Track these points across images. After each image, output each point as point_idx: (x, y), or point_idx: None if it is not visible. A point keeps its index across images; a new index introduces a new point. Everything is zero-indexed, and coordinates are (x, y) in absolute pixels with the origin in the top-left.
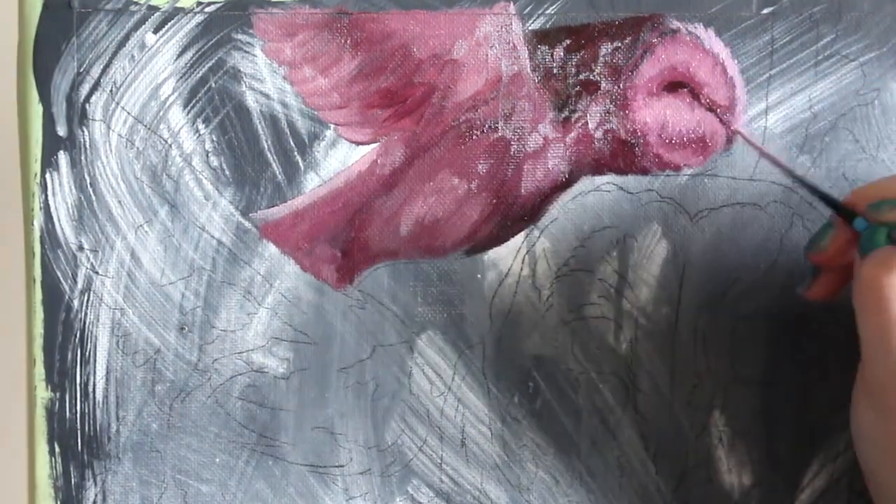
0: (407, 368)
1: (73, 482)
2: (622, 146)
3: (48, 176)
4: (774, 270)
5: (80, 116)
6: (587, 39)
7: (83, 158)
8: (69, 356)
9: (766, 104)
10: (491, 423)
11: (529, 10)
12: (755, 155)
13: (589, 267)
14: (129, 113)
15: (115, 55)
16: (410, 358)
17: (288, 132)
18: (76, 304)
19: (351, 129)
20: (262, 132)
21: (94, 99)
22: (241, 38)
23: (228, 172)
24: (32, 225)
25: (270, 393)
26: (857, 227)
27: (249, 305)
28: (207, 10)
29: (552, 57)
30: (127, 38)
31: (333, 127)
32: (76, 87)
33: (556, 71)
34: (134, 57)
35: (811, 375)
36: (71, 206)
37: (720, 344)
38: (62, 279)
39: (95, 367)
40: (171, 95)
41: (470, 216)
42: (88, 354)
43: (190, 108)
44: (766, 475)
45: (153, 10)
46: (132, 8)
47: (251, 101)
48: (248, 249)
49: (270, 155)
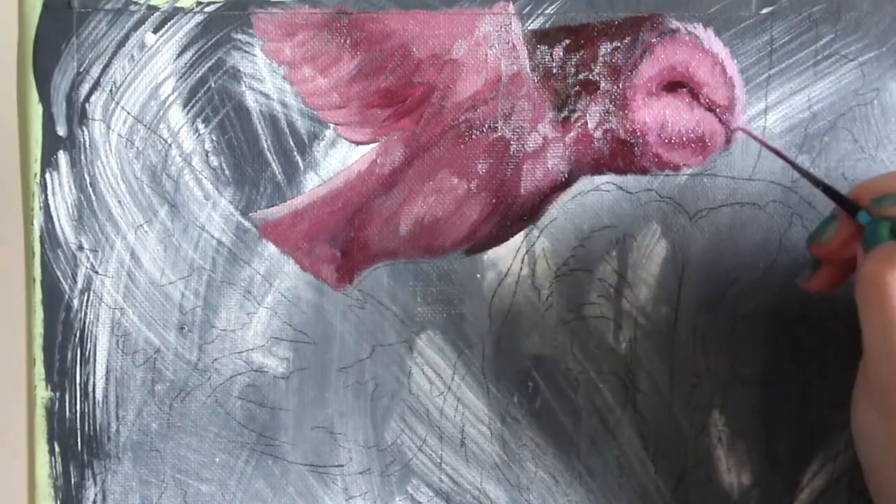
0: (406, 368)
1: (72, 482)
2: (621, 146)
3: (48, 176)
4: (773, 270)
5: (79, 116)
6: (586, 39)
7: (83, 158)
8: (69, 356)
9: (765, 104)
10: (490, 422)
11: (529, 9)
12: (754, 155)
13: (588, 266)
14: (128, 113)
15: (114, 55)
16: (410, 357)
17: (287, 132)
18: (76, 303)
19: (350, 128)
20: (261, 132)
21: (93, 99)
22: (240, 37)
23: (228, 172)
24: (32, 225)
25: (270, 392)
26: (860, 220)
27: (249, 305)
28: (207, 9)
29: (551, 57)
30: (127, 37)
31: (333, 127)
32: (76, 86)
33: (555, 71)
34: (134, 57)
35: (810, 375)
36: (71, 205)
37: (719, 343)
38: (62, 279)
39: (95, 366)
40: (170, 95)
41: (469, 216)
42: (88, 354)
43: (190, 107)
44: (765, 475)
45: (153, 9)
46: (132, 8)
47: (251, 100)
48: (247, 249)
49: (270, 155)
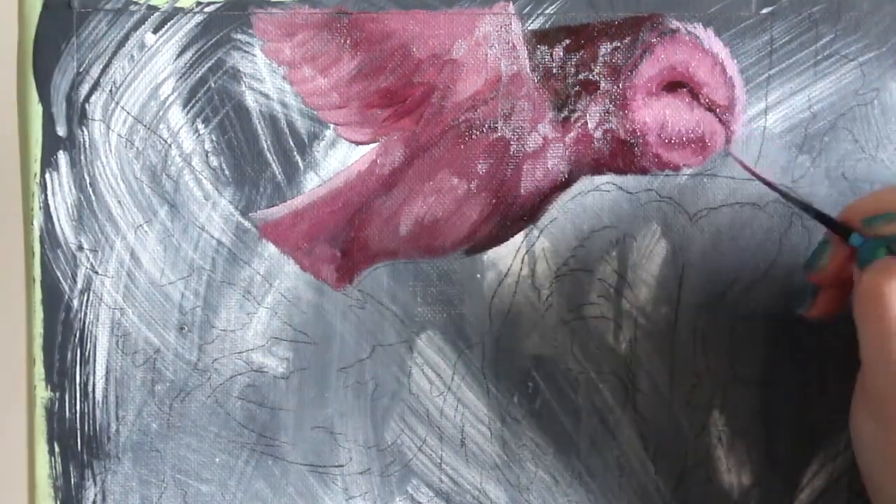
0: (406, 368)
1: (72, 482)
2: (621, 146)
3: (48, 176)
4: (773, 270)
5: (79, 116)
6: (586, 39)
7: (83, 158)
8: (69, 356)
9: (765, 104)
10: (490, 422)
11: (529, 9)
12: (755, 155)
13: (588, 267)
14: (128, 113)
15: (114, 55)
16: (410, 358)
17: (287, 132)
18: (76, 303)
19: (350, 128)
20: (261, 132)
21: (93, 99)
22: (240, 37)
23: (228, 172)
24: (32, 225)
25: (270, 393)
26: (853, 242)
27: (249, 305)
28: (207, 10)
29: (551, 57)
30: (126, 38)
31: (333, 127)
32: (76, 86)
33: (555, 71)
34: (133, 57)
35: (810, 375)
36: (71, 205)
37: (719, 343)
38: (62, 279)
39: (95, 366)
40: (170, 95)
41: (469, 216)
42: (88, 354)
43: (189, 107)
44: (765, 475)
45: (153, 9)
46: (132, 8)
47: (251, 100)
48: (247, 249)
49: (270, 155)
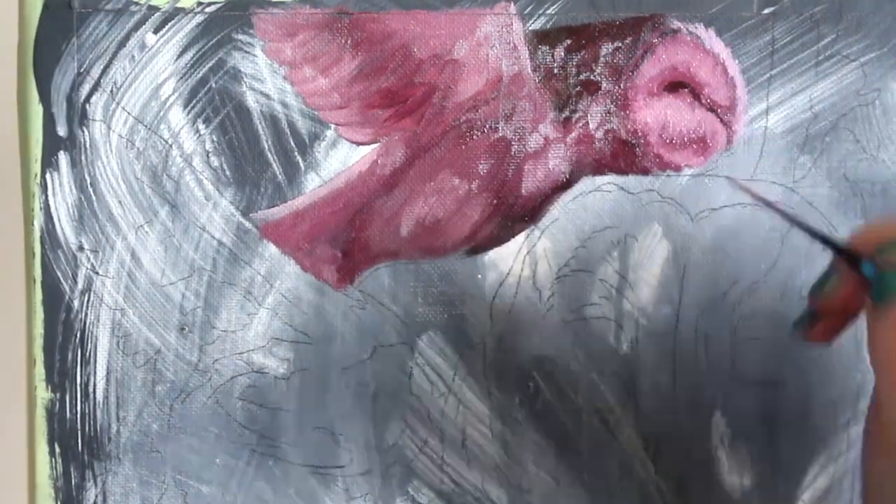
0: (407, 369)
1: (73, 483)
2: (623, 146)
3: (48, 176)
4: (775, 270)
5: (80, 116)
6: (588, 39)
7: (83, 159)
8: (69, 356)
9: (766, 104)
10: (492, 423)
11: (530, 10)
12: (756, 155)
13: (590, 267)
14: (129, 113)
15: (115, 55)
16: (411, 358)
17: (288, 132)
18: (76, 304)
19: (351, 129)
20: (262, 132)
21: (94, 99)
22: (241, 38)
23: (229, 173)
24: (32, 225)
25: (271, 393)
26: (865, 272)
27: (250, 306)
28: (208, 10)
29: (553, 57)
30: (127, 38)
31: (334, 127)
32: (76, 87)
33: (556, 71)
34: (134, 57)
35: (812, 376)
36: (71, 206)
37: (721, 344)
38: (62, 279)
39: (96, 367)
40: (171, 96)
41: (471, 216)
42: (89, 355)
43: (190, 108)
44: (766, 476)
45: (153, 10)
46: (132, 8)
47: (251, 101)
48: (248, 250)
49: (271, 155)
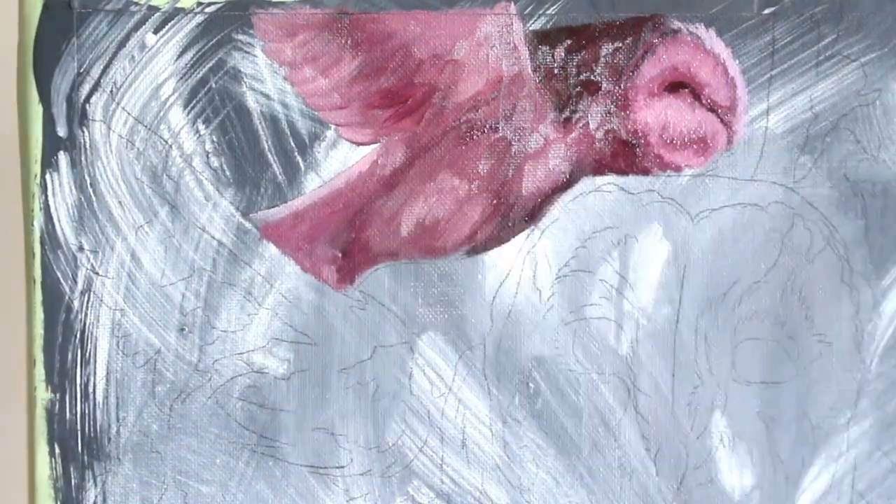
0: (407, 369)
1: (73, 483)
2: (623, 146)
3: (48, 176)
4: (775, 271)
5: (80, 117)
6: (588, 40)
7: (83, 159)
8: (69, 357)
9: (767, 104)
10: (492, 423)
11: (530, 10)
12: (756, 155)
13: (590, 267)
14: (129, 113)
15: (115, 55)
16: (411, 359)
17: (288, 133)
18: (76, 304)
19: (351, 129)
20: (262, 133)
21: (94, 99)
22: (241, 38)
23: (229, 173)
24: (32, 226)
25: (271, 394)
26: None
27: (250, 306)
28: (208, 10)
29: (553, 57)
30: (127, 38)
31: (334, 127)
32: (76, 87)
33: (556, 71)
34: (134, 57)
35: (812, 376)
36: (71, 206)
37: (721, 344)
38: (62, 280)
39: (96, 367)
40: (171, 96)
41: (471, 217)
42: (88, 355)
43: (190, 108)
44: (767, 476)
45: (153, 10)
46: (132, 8)
47: (252, 101)
48: (248, 250)
49: (271, 155)
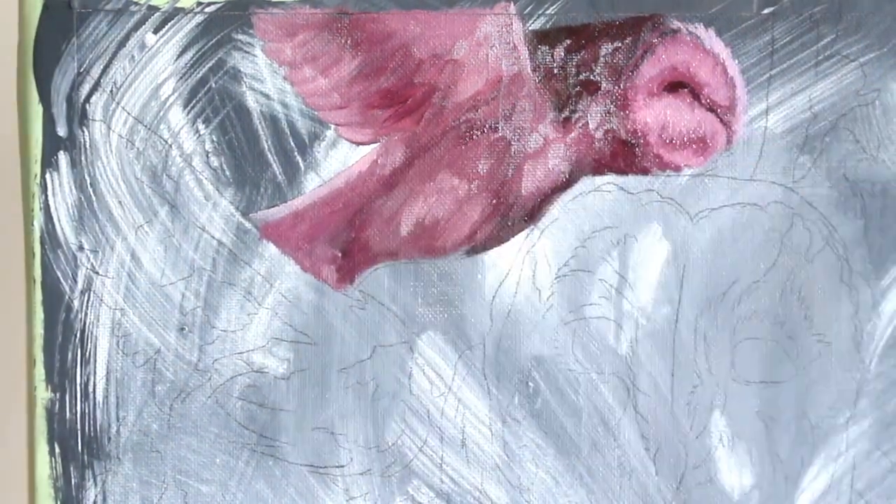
0: (407, 369)
1: (73, 483)
2: (622, 146)
3: (48, 176)
4: (775, 270)
5: (80, 117)
6: (587, 39)
7: (83, 159)
8: (69, 356)
9: (766, 104)
10: (491, 423)
11: (530, 10)
12: (756, 155)
13: (589, 267)
14: (129, 113)
15: (115, 55)
16: (411, 358)
17: (288, 132)
18: (76, 304)
19: (351, 129)
20: (262, 132)
21: (94, 99)
22: (241, 38)
23: (229, 173)
24: (32, 225)
25: (271, 393)
26: None
27: (250, 306)
28: (207, 10)
29: (552, 57)
30: (127, 38)
31: (334, 127)
32: (76, 87)
33: (556, 71)
34: (134, 57)
35: (812, 375)
36: (71, 206)
37: (721, 344)
38: (62, 279)
39: (95, 367)
40: (171, 96)
41: (470, 216)
42: (88, 355)
43: (190, 108)
44: (766, 475)
45: (153, 10)
46: (132, 8)
47: (251, 101)
48: (248, 250)
49: (271, 155)
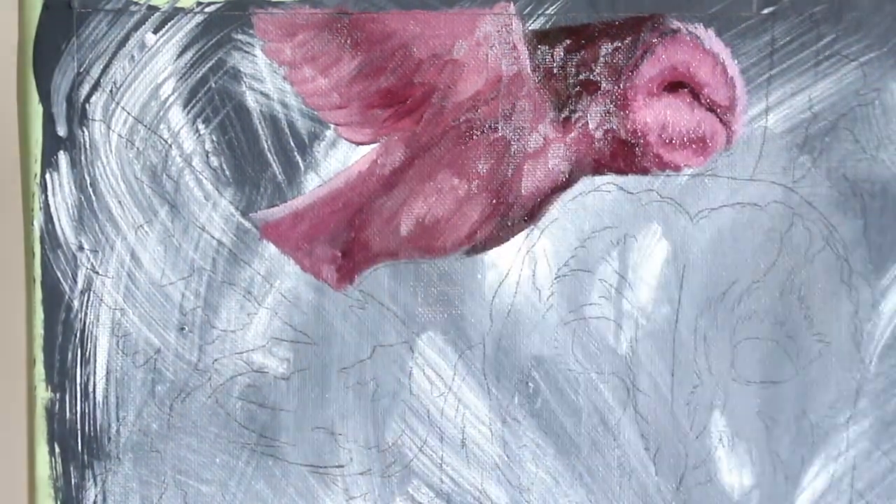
0: (407, 369)
1: (73, 482)
2: (622, 146)
3: (48, 176)
4: (774, 270)
5: (80, 116)
6: (587, 39)
7: (83, 159)
8: (69, 356)
9: (766, 104)
10: (491, 423)
11: (529, 10)
12: (756, 155)
13: (589, 267)
14: (129, 113)
15: (115, 55)
16: (411, 358)
17: (288, 132)
18: (76, 304)
19: (351, 129)
20: (262, 132)
21: (94, 99)
22: (241, 38)
23: (228, 172)
24: (32, 225)
25: (270, 393)
26: None
27: (249, 306)
28: (207, 10)
29: (552, 57)
30: (127, 38)
31: (333, 127)
32: (76, 87)
33: (556, 71)
34: (134, 57)
35: (812, 375)
36: (71, 206)
37: (720, 344)
38: (62, 279)
39: (95, 367)
40: (171, 95)
41: (470, 216)
42: (88, 355)
43: (190, 108)
44: (766, 475)
45: (153, 10)
46: (132, 8)
47: (251, 101)
48: (248, 249)
49: (270, 155)
